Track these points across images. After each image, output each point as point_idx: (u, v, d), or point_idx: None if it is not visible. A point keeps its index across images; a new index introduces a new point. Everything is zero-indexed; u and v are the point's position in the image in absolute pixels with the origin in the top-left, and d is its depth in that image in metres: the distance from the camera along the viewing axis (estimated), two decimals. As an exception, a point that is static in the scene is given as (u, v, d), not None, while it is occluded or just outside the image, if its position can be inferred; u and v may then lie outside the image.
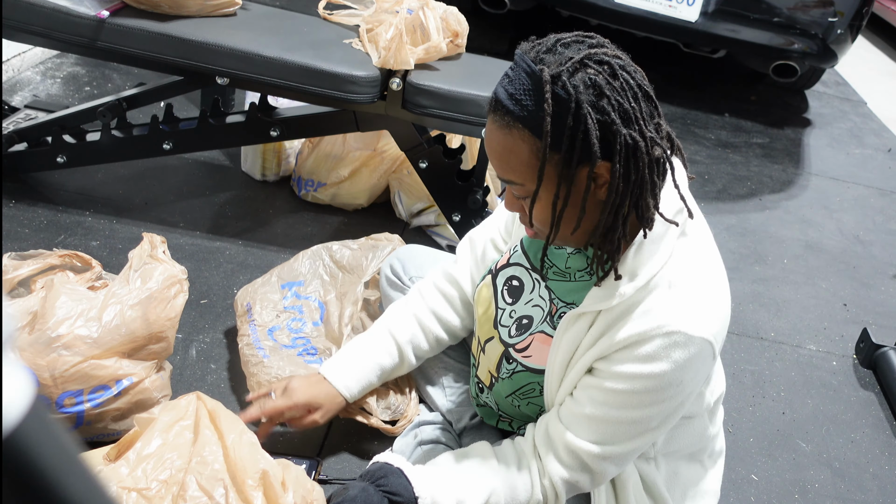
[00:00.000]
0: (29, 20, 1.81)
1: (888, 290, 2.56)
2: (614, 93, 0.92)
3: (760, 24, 3.29)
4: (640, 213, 0.98)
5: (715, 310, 1.02)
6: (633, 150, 0.93)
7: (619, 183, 0.94)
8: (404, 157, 2.17)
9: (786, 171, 3.30)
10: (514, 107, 0.93)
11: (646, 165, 0.95)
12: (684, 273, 1.01)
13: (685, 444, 1.19)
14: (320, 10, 2.16)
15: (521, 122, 0.94)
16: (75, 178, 2.16)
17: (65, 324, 1.30)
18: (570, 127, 0.91)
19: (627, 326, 1.00)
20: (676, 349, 0.98)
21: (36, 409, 0.44)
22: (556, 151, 0.93)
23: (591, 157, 0.92)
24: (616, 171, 0.93)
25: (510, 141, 0.96)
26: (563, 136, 0.91)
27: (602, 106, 0.91)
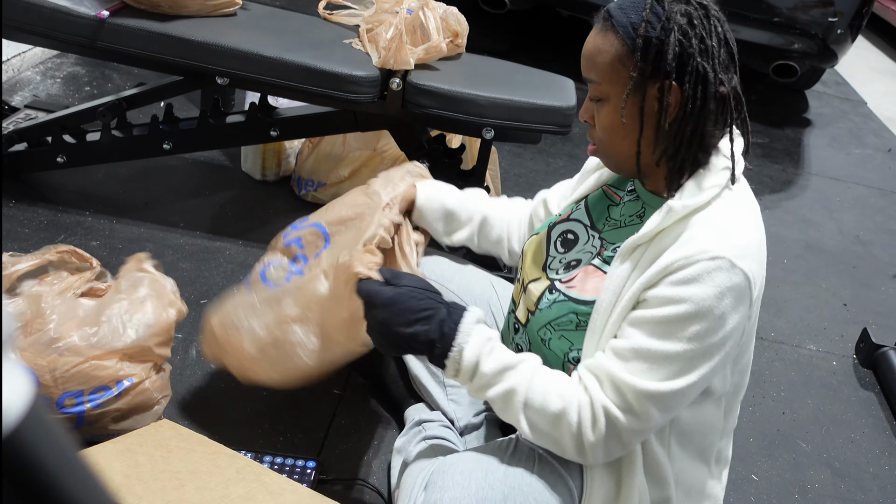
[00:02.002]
0: (29, 20, 1.81)
1: (888, 290, 2.56)
2: (702, 28, 1.04)
3: (760, 24, 3.29)
4: (704, 141, 1.08)
5: (756, 251, 1.06)
6: (702, 78, 1.04)
7: (688, 105, 1.05)
8: (404, 157, 2.16)
9: (786, 171, 3.30)
10: (619, 14, 1.06)
11: (711, 97, 1.06)
12: (731, 211, 1.07)
13: (697, 434, 1.17)
14: (320, 10, 2.16)
15: (618, 27, 1.05)
16: (75, 178, 2.16)
17: (63, 326, 1.30)
18: (656, 38, 1.03)
19: (673, 251, 1.04)
20: (718, 273, 1.01)
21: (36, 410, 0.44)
22: (637, 60, 1.04)
23: (665, 74, 1.03)
24: (685, 91, 1.04)
25: (602, 41, 1.07)
26: (649, 46, 1.03)
27: (688, 32, 1.03)
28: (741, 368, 1.18)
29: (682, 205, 1.06)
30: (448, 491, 1.11)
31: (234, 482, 1.28)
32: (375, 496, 1.43)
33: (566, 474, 1.14)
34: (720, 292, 1.00)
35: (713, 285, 1.00)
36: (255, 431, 1.52)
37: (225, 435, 1.50)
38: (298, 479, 1.40)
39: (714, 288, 1.00)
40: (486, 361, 1.10)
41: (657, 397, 1.04)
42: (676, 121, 1.06)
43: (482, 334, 1.11)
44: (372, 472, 1.48)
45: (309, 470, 1.42)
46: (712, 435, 1.19)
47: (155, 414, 1.42)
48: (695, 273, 1.01)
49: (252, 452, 1.44)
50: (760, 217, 1.14)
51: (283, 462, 1.43)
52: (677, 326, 1.02)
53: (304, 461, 1.44)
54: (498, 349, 1.12)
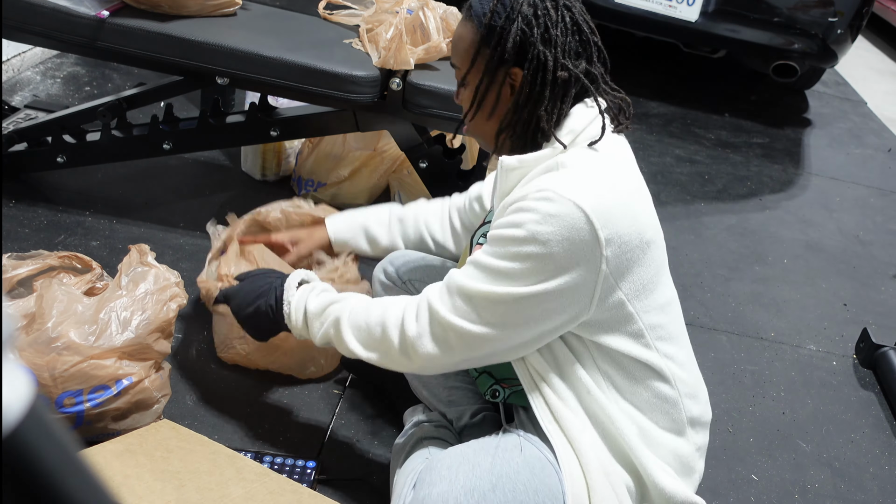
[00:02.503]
0: (29, 20, 1.80)
1: (888, 290, 2.56)
2: (546, 18, 1.11)
3: (760, 24, 3.28)
4: (532, 123, 1.14)
5: (600, 191, 1.07)
6: (542, 65, 1.11)
7: (525, 89, 1.12)
8: (404, 157, 2.16)
9: (786, 171, 3.30)
10: (476, 3, 1.15)
11: (549, 83, 1.12)
12: (577, 160, 1.11)
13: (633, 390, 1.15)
14: (320, 10, 2.16)
15: (475, 16, 1.15)
16: (75, 178, 2.16)
17: (62, 325, 1.30)
18: (500, 27, 1.12)
19: (514, 194, 1.12)
20: (543, 203, 1.05)
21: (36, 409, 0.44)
22: (487, 46, 1.13)
23: (507, 59, 1.12)
24: (525, 76, 1.12)
25: (462, 29, 1.17)
26: (494, 32, 1.12)
27: (531, 21, 1.11)
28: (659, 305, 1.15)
29: (516, 158, 1.14)
30: (436, 486, 1.12)
31: (234, 482, 1.28)
32: (375, 496, 1.43)
33: (553, 459, 1.14)
34: (542, 217, 1.05)
35: (535, 213, 1.05)
36: (255, 431, 1.52)
37: (225, 435, 1.50)
38: (298, 479, 1.40)
39: (536, 214, 1.05)
40: (311, 301, 1.26)
41: (478, 297, 1.10)
42: (517, 104, 1.14)
43: (306, 283, 1.29)
44: (372, 472, 1.48)
45: (309, 470, 1.42)
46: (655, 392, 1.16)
47: (154, 413, 1.42)
48: (524, 205, 1.07)
49: (252, 452, 1.44)
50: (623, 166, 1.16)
51: (283, 462, 1.43)
52: (501, 246, 1.09)
53: (304, 461, 1.44)
54: (322, 291, 1.27)
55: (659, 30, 3.38)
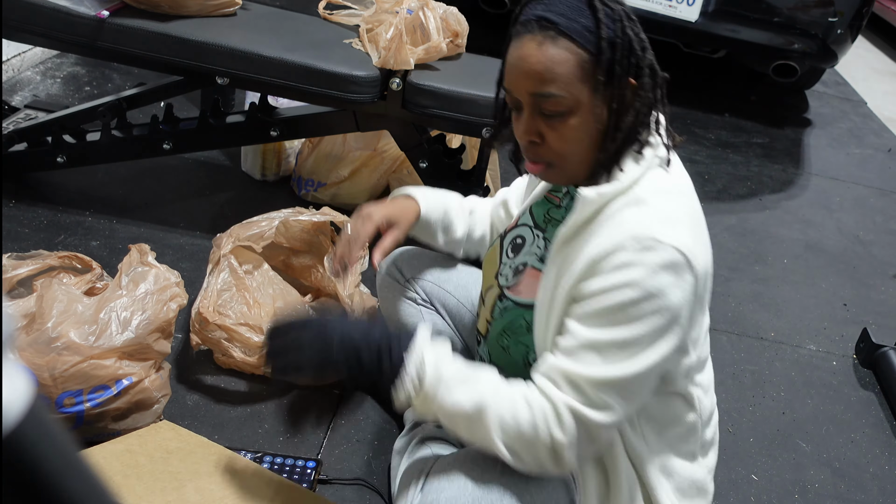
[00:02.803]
0: (29, 20, 1.81)
1: (888, 290, 2.56)
2: (633, 24, 1.05)
3: (760, 24, 3.28)
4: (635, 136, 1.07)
5: (686, 227, 1.03)
6: (654, 70, 1.06)
7: (648, 95, 1.06)
8: (404, 157, 2.17)
9: (786, 171, 3.30)
10: (563, 20, 1.01)
11: (660, 85, 1.08)
12: (655, 194, 1.06)
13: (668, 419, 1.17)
14: (320, 10, 2.16)
15: (572, 33, 1.01)
16: (75, 178, 2.16)
17: (62, 325, 1.30)
18: (618, 41, 1.02)
19: (600, 240, 1.03)
20: (648, 253, 0.99)
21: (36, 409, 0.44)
22: (600, 65, 1.02)
23: (627, 69, 1.03)
24: (644, 83, 1.05)
25: (554, 53, 1.01)
26: (615, 46, 1.02)
27: (635, 28, 1.05)
28: (705, 331, 1.17)
29: (596, 192, 1.05)
30: (444, 491, 1.11)
31: (235, 483, 1.28)
32: (375, 496, 1.43)
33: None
34: (652, 271, 0.99)
35: (644, 266, 0.99)
36: (255, 431, 1.52)
37: (225, 435, 1.50)
38: (298, 479, 1.40)
39: (645, 269, 0.99)
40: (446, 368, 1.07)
41: (614, 384, 1.03)
42: (636, 116, 1.06)
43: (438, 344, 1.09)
44: (372, 472, 1.48)
45: (309, 470, 1.42)
46: (684, 423, 1.18)
47: (154, 413, 1.42)
48: (624, 259, 1.00)
49: (252, 452, 1.44)
50: (694, 198, 1.13)
51: (283, 462, 1.43)
52: (618, 313, 1.01)
53: (304, 461, 1.44)
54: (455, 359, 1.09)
55: (659, 30, 3.37)
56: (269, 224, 1.74)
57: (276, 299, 1.69)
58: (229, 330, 1.55)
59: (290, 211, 1.76)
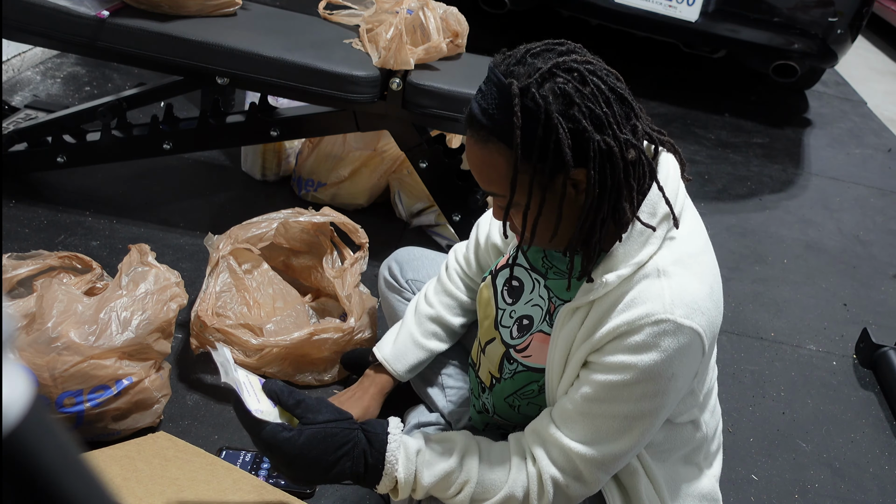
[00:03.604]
0: (29, 20, 1.80)
1: (888, 290, 2.56)
2: (584, 100, 0.93)
3: (760, 24, 3.28)
4: (618, 218, 0.99)
5: (705, 302, 1.01)
6: (607, 155, 0.95)
7: (595, 189, 0.95)
8: (404, 157, 2.16)
9: (786, 171, 3.30)
10: (487, 121, 0.95)
11: (621, 170, 0.96)
12: (674, 265, 1.01)
13: (677, 445, 1.18)
14: (320, 10, 2.16)
15: (495, 135, 0.95)
16: (75, 178, 2.16)
17: (62, 325, 1.30)
18: (541, 137, 0.93)
19: (617, 316, 1.00)
20: (666, 338, 0.97)
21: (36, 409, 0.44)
22: (529, 162, 0.94)
23: (565, 166, 0.93)
24: (591, 176, 0.95)
25: (487, 154, 0.97)
26: (535, 146, 0.93)
27: (572, 114, 0.93)
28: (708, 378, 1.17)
29: (616, 276, 1.00)
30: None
31: (231, 492, 1.28)
32: (375, 496, 1.43)
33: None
34: (669, 357, 0.97)
35: (661, 350, 0.97)
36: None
37: (225, 435, 1.50)
38: (298, 479, 1.40)
39: (662, 353, 0.97)
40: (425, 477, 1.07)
41: (604, 462, 1.04)
42: (592, 206, 0.97)
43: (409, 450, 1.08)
44: (372, 472, 1.48)
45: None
46: (693, 441, 1.19)
47: (155, 413, 1.42)
48: (640, 340, 0.97)
49: (252, 452, 1.44)
50: (712, 257, 1.09)
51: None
52: (625, 391, 1.00)
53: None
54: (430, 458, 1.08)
55: (659, 30, 3.38)
56: (269, 225, 1.74)
57: (275, 299, 1.69)
58: (227, 333, 1.55)
59: (290, 211, 1.76)
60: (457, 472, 1.07)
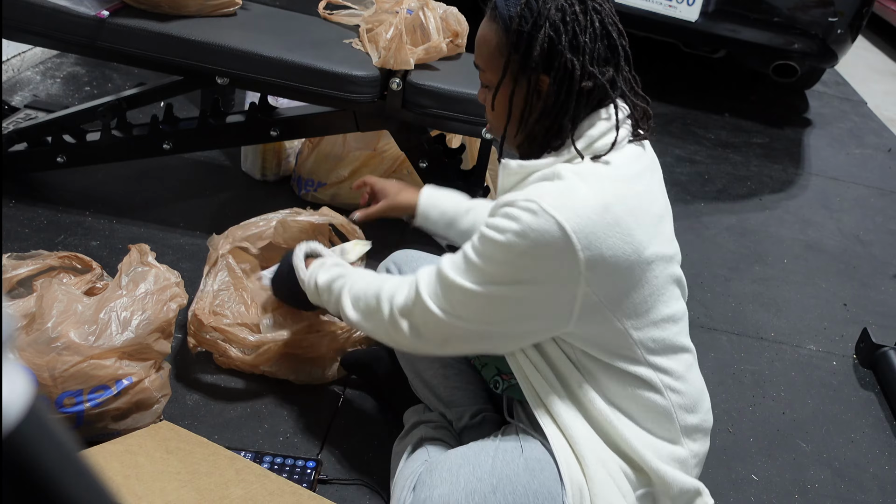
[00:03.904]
0: (29, 20, 1.81)
1: (888, 290, 2.56)
2: (575, 24, 1.07)
3: (760, 24, 3.28)
4: (555, 132, 1.12)
5: (587, 209, 1.03)
6: (568, 74, 1.08)
7: (550, 97, 1.09)
8: (404, 157, 2.16)
9: (786, 171, 3.30)
10: (502, 5, 1.11)
11: (574, 92, 1.09)
12: (575, 173, 1.08)
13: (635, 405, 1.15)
14: (320, 10, 2.16)
15: (500, 18, 1.10)
16: (75, 178, 2.16)
17: (62, 325, 1.30)
18: (527, 33, 1.07)
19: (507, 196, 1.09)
20: (527, 214, 1.04)
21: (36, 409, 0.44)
22: (515, 52, 1.09)
23: (533, 64, 1.08)
24: (550, 84, 1.09)
25: (488, 31, 1.13)
26: (520, 39, 1.08)
27: (559, 28, 1.06)
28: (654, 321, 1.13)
29: (517, 163, 1.13)
30: (437, 488, 1.12)
31: (234, 483, 1.28)
32: (375, 496, 1.43)
33: (552, 458, 1.14)
34: (523, 229, 1.03)
35: (519, 222, 1.04)
36: (255, 431, 1.52)
37: (225, 435, 1.50)
38: (298, 479, 1.40)
39: (518, 224, 1.04)
40: (320, 277, 1.34)
41: (453, 287, 1.11)
42: (542, 111, 1.11)
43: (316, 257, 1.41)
44: (372, 472, 1.48)
45: (309, 470, 1.42)
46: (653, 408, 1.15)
47: (155, 413, 1.42)
48: (510, 211, 1.06)
49: (252, 452, 1.44)
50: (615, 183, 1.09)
51: (283, 462, 1.43)
52: (484, 244, 1.08)
53: (304, 461, 1.44)
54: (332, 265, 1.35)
55: (659, 30, 3.38)
56: (267, 224, 1.74)
57: None
58: (225, 331, 1.55)
59: (288, 211, 1.76)
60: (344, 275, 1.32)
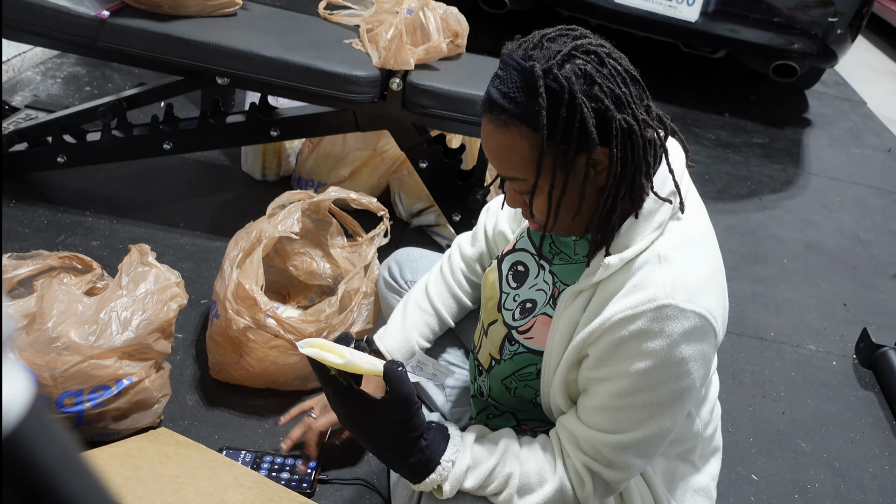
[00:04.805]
0: (29, 20, 1.81)
1: (888, 290, 2.56)
2: (605, 80, 0.95)
3: (760, 24, 3.28)
4: (635, 194, 1.01)
5: (709, 286, 1.01)
6: (628, 133, 0.97)
7: (617, 167, 0.97)
8: (404, 157, 2.17)
9: (786, 171, 3.30)
10: (510, 105, 0.96)
11: (640, 148, 0.98)
12: (676, 250, 1.02)
13: (672, 443, 1.18)
14: (320, 10, 2.16)
15: (517, 118, 0.96)
16: (75, 178, 2.16)
17: (62, 325, 1.30)
18: (565, 118, 0.94)
19: (620, 300, 1.00)
20: (669, 322, 0.97)
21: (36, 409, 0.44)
22: (553, 143, 0.96)
23: (590, 145, 0.95)
24: (614, 155, 0.96)
25: (508, 139, 0.98)
26: (559, 127, 0.94)
27: (595, 94, 0.95)
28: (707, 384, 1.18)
29: (619, 258, 1.01)
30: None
31: (232, 489, 1.28)
32: (375, 496, 1.43)
33: None
34: (674, 341, 0.98)
35: (665, 336, 0.98)
36: (256, 431, 1.52)
37: (225, 435, 1.50)
38: (298, 479, 1.40)
39: (666, 338, 0.97)
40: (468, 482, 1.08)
41: (631, 446, 1.04)
42: (615, 184, 0.99)
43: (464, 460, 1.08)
44: (372, 472, 1.48)
45: (309, 470, 1.42)
46: (689, 439, 1.19)
47: (155, 413, 1.42)
48: (643, 327, 0.98)
49: (252, 452, 1.44)
50: (713, 239, 1.09)
51: (283, 462, 1.43)
52: (638, 380, 1.00)
53: (305, 461, 1.44)
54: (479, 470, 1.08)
55: (659, 30, 3.38)
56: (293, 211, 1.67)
57: None
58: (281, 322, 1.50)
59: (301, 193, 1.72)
60: (499, 466, 1.08)
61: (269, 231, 1.60)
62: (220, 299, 1.52)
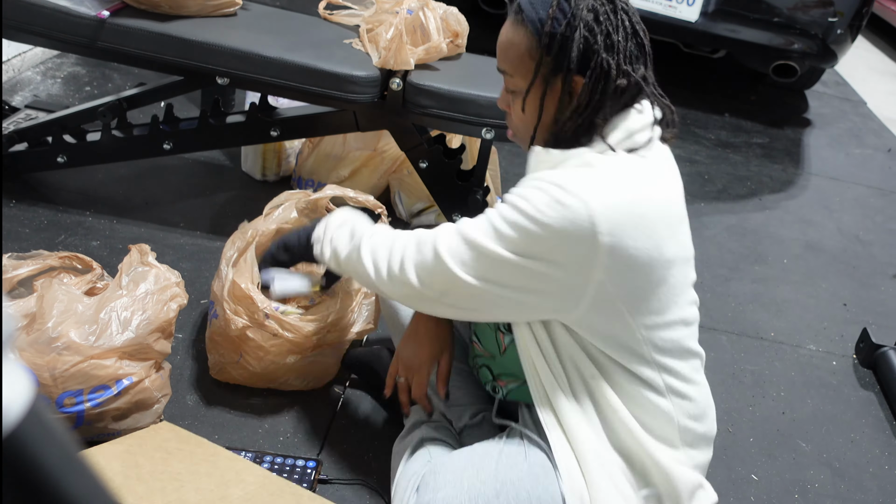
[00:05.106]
0: (29, 20, 1.81)
1: (888, 290, 2.56)
2: (607, 22, 1.08)
3: (760, 24, 3.28)
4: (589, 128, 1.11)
5: (615, 198, 1.04)
6: (605, 73, 1.08)
7: (584, 97, 1.09)
8: (404, 157, 2.17)
9: (786, 171, 3.30)
10: (528, 8, 1.10)
11: (609, 91, 1.09)
12: (605, 163, 1.08)
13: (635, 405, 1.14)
14: (320, 10, 2.16)
15: (527, 22, 1.10)
16: (75, 178, 2.16)
17: (62, 325, 1.30)
18: (562, 34, 1.07)
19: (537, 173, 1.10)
20: (556, 189, 1.04)
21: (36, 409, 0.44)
22: (545, 53, 1.09)
23: (568, 66, 1.08)
24: (586, 85, 1.08)
25: (515, 34, 1.12)
26: (555, 42, 1.08)
27: (592, 27, 1.07)
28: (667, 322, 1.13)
29: (546, 151, 1.13)
30: (440, 490, 1.12)
31: (234, 483, 1.28)
32: (375, 496, 1.43)
33: (555, 462, 1.14)
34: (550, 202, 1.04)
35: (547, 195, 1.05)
36: (255, 431, 1.52)
37: (225, 435, 1.50)
38: (298, 479, 1.40)
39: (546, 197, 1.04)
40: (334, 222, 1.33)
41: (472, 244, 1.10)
42: (576, 110, 1.11)
43: None
44: (372, 472, 1.48)
45: (309, 470, 1.42)
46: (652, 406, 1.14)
47: (155, 413, 1.42)
48: (541, 184, 1.07)
49: (252, 452, 1.44)
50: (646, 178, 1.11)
51: (283, 462, 1.43)
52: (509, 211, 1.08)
53: (304, 461, 1.44)
54: None
55: (659, 30, 3.37)
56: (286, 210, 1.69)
57: None
58: (278, 319, 1.50)
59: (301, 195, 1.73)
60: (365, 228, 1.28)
61: (263, 227, 1.61)
62: (218, 299, 1.53)
